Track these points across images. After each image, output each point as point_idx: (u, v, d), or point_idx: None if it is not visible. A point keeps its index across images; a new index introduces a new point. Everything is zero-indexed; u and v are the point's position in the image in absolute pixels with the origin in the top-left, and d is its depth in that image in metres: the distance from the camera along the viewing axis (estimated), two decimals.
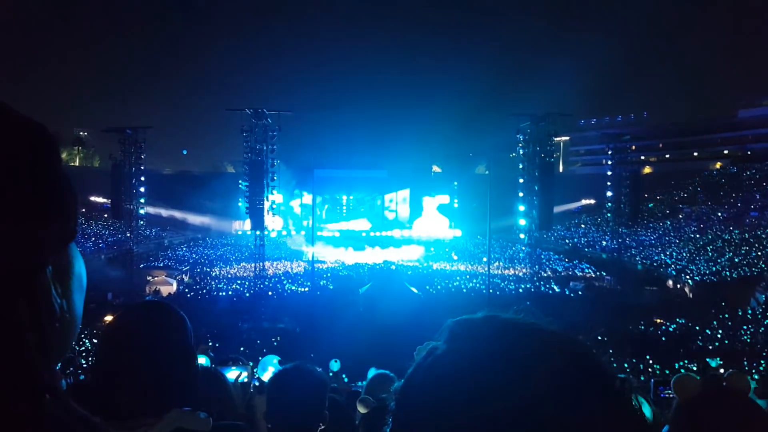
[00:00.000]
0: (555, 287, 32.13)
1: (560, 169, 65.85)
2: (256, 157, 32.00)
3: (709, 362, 14.84)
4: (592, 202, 51.92)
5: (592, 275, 35.64)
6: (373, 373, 9.62)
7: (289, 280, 33.10)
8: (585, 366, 0.50)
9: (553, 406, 0.46)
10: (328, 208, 54.87)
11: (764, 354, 18.74)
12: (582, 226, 49.57)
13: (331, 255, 42.51)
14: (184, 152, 73.80)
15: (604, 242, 41.49)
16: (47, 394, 0.48)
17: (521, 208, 33.11)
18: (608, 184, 36.26)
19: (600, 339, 19.99)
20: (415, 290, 27.91)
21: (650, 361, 17.23)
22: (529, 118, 31.93)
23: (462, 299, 27.89)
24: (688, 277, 32.53)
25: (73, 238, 0.54)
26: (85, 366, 13.73)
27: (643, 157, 59.02)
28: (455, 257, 43.79)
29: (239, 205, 34.61)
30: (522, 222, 33.59)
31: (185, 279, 33.92)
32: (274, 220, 34.25)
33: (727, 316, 24.31)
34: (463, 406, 0.47)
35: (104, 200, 41.61)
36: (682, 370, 14.88)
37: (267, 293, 29.81)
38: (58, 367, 0.49)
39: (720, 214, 43.64)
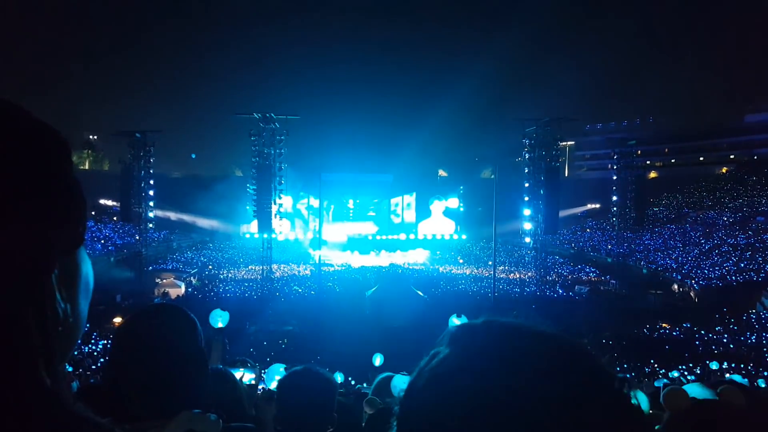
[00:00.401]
0: (560, 291, 32.27)
1: (566, 174, 65.89)
2: (264, 161, 32.34)
3: (709, 365, 14.99)
4: (598, 206, 52.03)
5: (598, 279, 35.74)
6: (377, 358, 9.81)
7: (297, 283, 33.37)
8: (585, 368, 0.51)
9: (555, 409, 0.46)
10: (335, 210, 55.15)
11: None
12: (587, 230, 49.65)
13: (338, 258, 42.79)
14: (193, 156, 74.23)
15: (609, 246, 41.56)
16: (53, 397, 0.48)
17: (527, 212, 33.30)
18: (614, 188, 36.38)
19: (605, 343, 20.16)
20: (420, 293, 28.15)
21: (655, 365, 17.37)
22: (534, 122, 32.14)
23: (468, 302, 28.06)
24: (693, 281, 32.60)
25: (81, 244, 0.54)
26: (95, 368, 14.00)
27: (648, 162, 58.98)
28: (461, 261, 43.99)
29: (247, 208, 34.92)
30: (527, 226, 33.78)
31: (193, 281, 34.23)
32: (282, 224, 34.52)
33: (732, 320, 24.40)
34: (465, 410, 0.48)
35: (113, 203, 42.06)
36: (686, 373, 15.05)
37: (274, 296, 30.09)
38: (69, 369, 0.52)
39: (725, 219, 43.65)
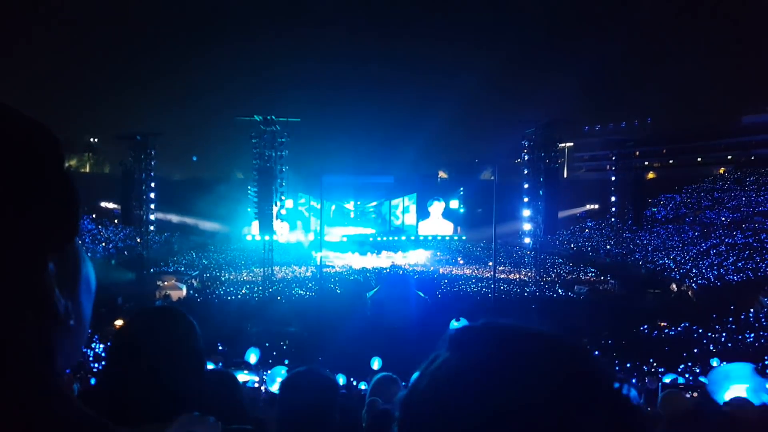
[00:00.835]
0: (560, 291, 32.46)
1: (565, 175, 66.05)
2: (265, 164, 32.53)
3: (710, 361, 15.17)
4: (597, 207, 52.21)
5: (597, 279, 35.94)
6: (375, 362, 9.91)
7: (298, 285, 33.53)
8: (584, 370, 0.50)
9: (555, 411, 0.46)
10: (335, 211, 55.29)
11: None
12: (586, 230, 49.86)
13: (339, 260, 42.95)
14: (194, 158, 74.26)
15: (608, 246, 41.79)
16: (52, 397, 0.48)
17: (526, 213, 33.53)
18: (612, 189, 36.61)
19: (604, 342, 20.35)
20: (422, 294, 28.32)
21: (654, 365, 17.55)
22: (534, 124, 32.38)
23: (468, 303, 28.24)
24: (691, 281, 32.81)
25: (75, 237, 0.53)
26: (96, 370, 14.11)
27: (646, 163, 59.23)
28: (461, 261, 44.19)
29: (248, 210, 35.10)
30: (527, 226, 34.00)
31: (195, 284, 34.34)
32: (283, 226, 34.71)
33: (730, 319, 24.59)
34: (466, 413, 0.48)
35: (115, 206, 42.20)
36: (686, 374, 15.22)
37: (276, 297, 30.24)
38: (68, 370, 0.59)
39: (723, 219, 43.87)
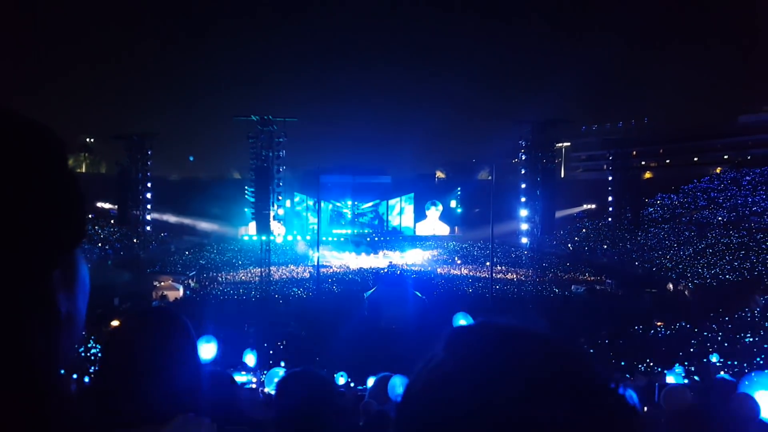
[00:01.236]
0: (557, 291, 32.51)
1: (562, 175, 66.19)
2: (262, 164, 32.48)
3: (710, 358, 15.23)
4: (594, 206, 52.31)
5: (593, 279, 36.01)
6: (371, 380, 9.89)
7: (295, 285, 33.49)
8: (580, 370, 0.50)
9: (550, 412, 0.46)
10: (333, 211, 55.31)
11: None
12: (583, 230, 49.95)
13: (336, 260, 42.93)
14: (191, 159, 74.12)
15: (605, 246, 41.88)
16: (54, 398, 0.48)
17: (523, 212, 33.57)
18: (609, 189, 36.69)
19: (601, 342, 20.39)
20: (419, 294, 28.33)
21: (650, 364, 17.60)
22: (531, 124, 32.43)
23: (465, 303, 28.25)
24: (688, 280, 32.90)
25: (81, 242, 0.54)
26: (93, 371, 14.08)
27: (643, 163, 59.38)
28: (458, 261, 44.22)
29: (245, 210, 35.06)
30: (524, 226, 34.04)
31: (192, 284, 34.29)
32: (280, 226, 34.67)
33: (726, 319, 24.67)
34: (462, 414, 0.48)
35: (111, 206, 42.07)
36: (682, 371, 15.25)
37: (273, 297, 30.20)
38: (62, 371, 0.56)
39: (720, 219, 44.00)
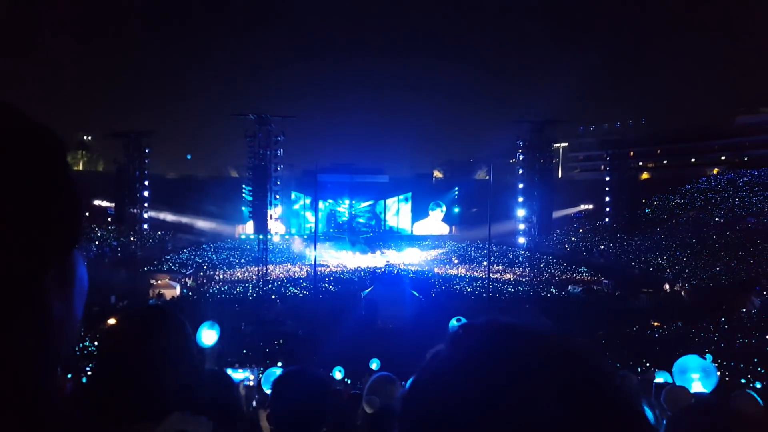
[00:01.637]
0: (554, 291, 32.53)
1: (559, 175, 66.26)
2: (260, 162, 32.45)
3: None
4: (591, 207, 52.37)
5: (591, 279, 36.06)
6: (374, 363, 9.90)
7: (292, 284, 33.45)
8: (586, 368, 0.50)
9: (556, 410, 0.46)
10: (331, 211, 55.31)
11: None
12: (580, 230, 49.99)
13: (334, 259, 42.90)
14: (189, 157, 73.95)
15: (602, 246, 41.92)
16: (48, 399, 0.48)
17: (521, 212, 33.60)
18: (607, 189, 36.75)
19: (598, 342, 20.40)
20: (416, 293, 28.34)
21: (647, 364, 17.63)
22: (529, 124, 32.46)
23: (462, 302, 28.26)
24: (685, 281, 32.96)
25: (77, 245, 0.53)
26: (89, 370, 14.04)
27: (641, 163, 59.43)
28: (456, 261, 44.23)
29: (243, 209, 35.03)
30: (522, 226, 34.07)
31: (188, 282, 34.23)
32: (277, 225, 34.65)
33: (723, 319, 24.73)
34: (467, 411, 0.47)
35: (108, 204, 41.95)
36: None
37: (270, 296, 30.15)
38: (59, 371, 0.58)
39: (717, 219, 44.10)
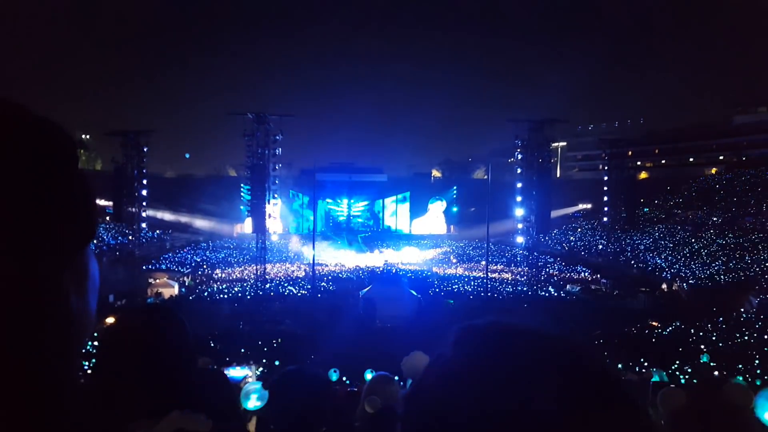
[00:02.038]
0: (552, 290, 32.55)
1: (557, 175, 66.37)
2: (258, 161, 32.40)
3: (701, 359, 15.26)
4: (589, 206, 52.42)
5: (589, 278, 36.09)
6: (369, 375, 9.91)
7: (290, 283, 33.42)
8: (590, 372, 0.50)
9: (560, 412, 0.46)
10: (329, 210, 55.27)
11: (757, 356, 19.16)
12: (579, 230, 50.04)
13: (332, 257, 42.88)
14: (187, 156, 73.95)
15: (600, 246, 41.96)
16: (69, 393, 0.49)
17: (519, 212, 33.59)
18: (605, 188, 36.75)
19: (596, 341, 20.42)
20: (414, 293, 28.32)
21: (645, 364, 17.64)
22: (527, 124, 32.44)
23: (460, 302, 28.26)
24: (682, 280, 33.00)
25: (92, 240, 0.54)
26: (87, 368, 13.99)
27: (639, 163, 59.54)
28: (454, 260, 44.24)
29: (241, 208, 35.00)
30: (520, 226, 34.08)
31: (187, 281, 34.18)
32: (275, 223, 34.61)
33: (721, 319, 24.76)
34: (471, 413, 0.48)
35: (106, 203, 41.90)
36: (677, 373, 15.30)
37: (268, 295, 30.11)
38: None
39: (715, 219, 44.16)
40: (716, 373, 13.97)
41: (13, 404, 0.45)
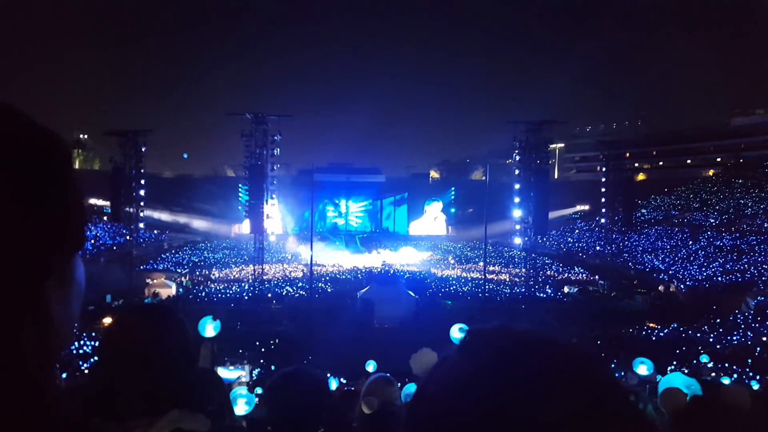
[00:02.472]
0: (549, 291, 32.57)
1: (555, 176, 66.44)
2: (256, 161, 32.34)
3: (700, 359, 15.29)
4: (587, 207, 52.50)
5: (586, 279, 36.10)
6: (370, 365, 9.89)
7: (288, 283, 33.39)
8: (599, 381, 0.50)
9: (566, 419, 0.46)
10: (327, 210, 55.25)
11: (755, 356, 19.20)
12: (576, 231, 50.10)
13: (330, 258, 42.84)
14: (185, 156, 73.84)
15: (598, 247, 41.99)
16: (48, 398, 0.48)
17: (517, 213, 33.59)
18: (602, 190, 36.76)
19: (594, 343, 20.44)
20: (412, 294, 28.33)
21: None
22: (525, 125, 32.45)
23: (458, 303, 28.27)
24: (680, 282, 33.05)
25: (80, 249, 0.54)
26: (84, 368, 13.97)
27: (637, 164, 59.63)
28: (452, 261, 44.24)
29: (239, 208, 34.93)
30: (518, 227, 34.09)
31: (184, 282, 34.12)
32: (273, 224, 34.56)
33: (718, 321, 24.81)
34: (476, 418, 0.47)
35: (104, 203, 41.81)
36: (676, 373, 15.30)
37: (266, 296, 30.08)
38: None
39: (712, 221, 44.25)
40: (713, 374, 13.98)
41: None
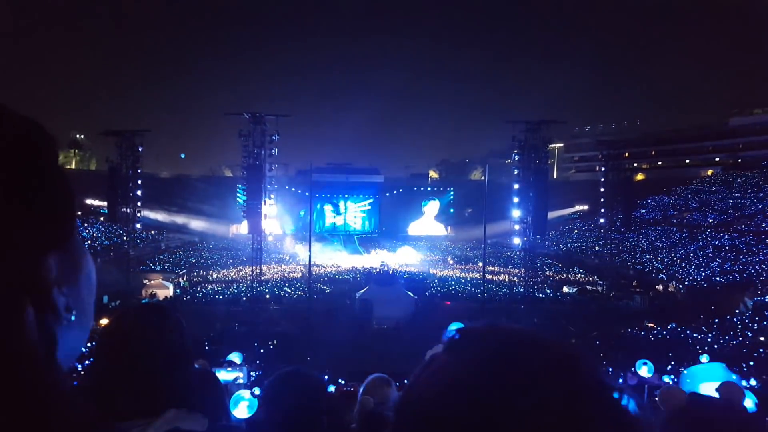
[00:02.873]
0: (548, 291, 32.53)
1: (554, 176, 66.42)
2: (254, 162, 32.22)
3: (699, 359, 15.21)
4: (586, 207, 52.47)
5: (585, 279, 36.07)
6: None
7: (286, 284, 33.31)
8: (586, 380, 0.50)
9: (554, 418, 0.46)
10: (325, 210, 55.15)
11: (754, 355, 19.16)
12: (575, 231, 50.07)
13: (328, 259, 42.77)
14: (182, 156, 73.73)
15: (596, 247, 41.97)
16: (54, 394, 0.48)
17: (516, 213, 33.53)
18: (601, 190, 36.72)
19: (592, 342, 20.39)
20: (411, 294, 28.26)
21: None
22: (524, 125, 32.38)
23: (457, 303, 28.22)
24: (679, 282, 33.02)
25: (70, 238, 0.52)
26: (80, 368, 13.89)
27: (636, 164, 59.66)
28: (451, 261, 44.19)
29: (237, 208, 34.82)
30: (516, 227, 34.02)
31: (182, 282, 34.03)
32: (272, 224, 34.44)
33: (716, 320, 24.78)
34: (464, 418, 0.47)
35: (101, 203, 41.70)
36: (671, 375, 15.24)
37: (264, 297, 30.01)
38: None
39: (711, 221, 44.23)
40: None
41: None
